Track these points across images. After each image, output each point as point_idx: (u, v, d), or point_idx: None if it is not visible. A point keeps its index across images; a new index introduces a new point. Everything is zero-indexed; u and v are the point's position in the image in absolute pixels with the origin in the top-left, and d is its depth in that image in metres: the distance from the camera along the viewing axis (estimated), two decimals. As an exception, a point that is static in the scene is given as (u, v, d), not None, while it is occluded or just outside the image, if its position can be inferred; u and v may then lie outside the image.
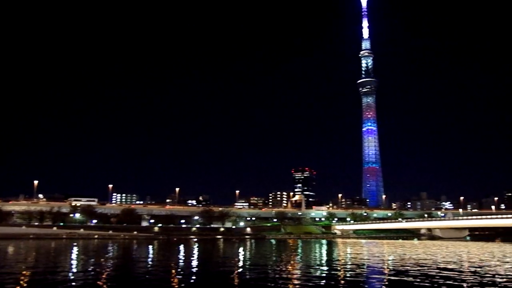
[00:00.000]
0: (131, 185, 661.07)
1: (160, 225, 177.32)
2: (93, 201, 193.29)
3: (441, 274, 43.56)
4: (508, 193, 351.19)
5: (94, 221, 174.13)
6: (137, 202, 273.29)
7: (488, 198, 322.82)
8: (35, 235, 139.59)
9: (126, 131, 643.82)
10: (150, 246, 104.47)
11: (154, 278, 43.29)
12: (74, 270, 49.90)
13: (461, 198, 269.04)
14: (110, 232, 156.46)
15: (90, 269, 50.99)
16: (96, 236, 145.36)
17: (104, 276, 43.76)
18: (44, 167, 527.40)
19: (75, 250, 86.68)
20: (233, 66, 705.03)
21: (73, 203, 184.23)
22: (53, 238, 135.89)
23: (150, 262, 63.36)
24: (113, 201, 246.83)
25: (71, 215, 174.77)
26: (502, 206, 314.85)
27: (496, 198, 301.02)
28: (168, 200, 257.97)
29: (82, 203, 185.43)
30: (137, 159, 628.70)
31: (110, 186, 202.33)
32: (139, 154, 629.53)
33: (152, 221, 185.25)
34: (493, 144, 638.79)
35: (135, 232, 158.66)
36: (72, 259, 64.53)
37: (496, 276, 42.07)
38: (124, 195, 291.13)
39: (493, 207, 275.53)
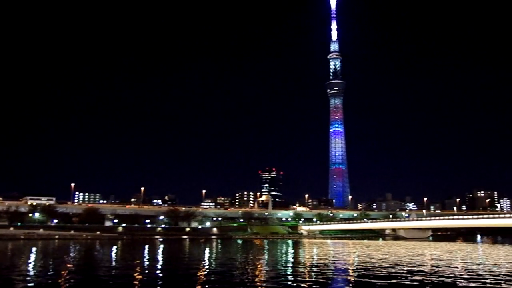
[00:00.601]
0: (94, 184, 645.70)
1: (124, 225, 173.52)
2: (51, 200, 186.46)
3: (405, 273, 44.24)
4: (469, 195, 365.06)
5: (55, 221, 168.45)
6: (101, 201, 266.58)
7: (450, 199, 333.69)
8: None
9: (88, 128, 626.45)
10: (114, 247, 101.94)
11: (117, 280, 41.85)
12: (32, 273, 47.61)
13: (425, 199, 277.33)
14: (72, 232, 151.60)
15: (49, 271, 48.90)
16: (56, 237, 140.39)
17: (64, 278, 41.98)
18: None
19: (33, 251, 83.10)
20: (200, 66, 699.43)
21: (29, 202, 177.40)
22: (10, 239, 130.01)
23: (113, 263, 61.58)
24: (76, 200, 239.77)
25: (30, 214, 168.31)
26: (464, 207, 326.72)
27: (458, 200, 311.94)
28: (133, 200, 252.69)
29: (39, 202, 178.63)
30: (101, 157, 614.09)
31: (73, 184, 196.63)
32: (102, 152, 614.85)
33: (116, 221, 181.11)
34: (455, 147, 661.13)
35: (98, 232, 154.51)
36: (29, 261, 61.74)
37: (457, 274, 43.16)
38: (87, 194, 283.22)
39: (455, 208, 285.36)
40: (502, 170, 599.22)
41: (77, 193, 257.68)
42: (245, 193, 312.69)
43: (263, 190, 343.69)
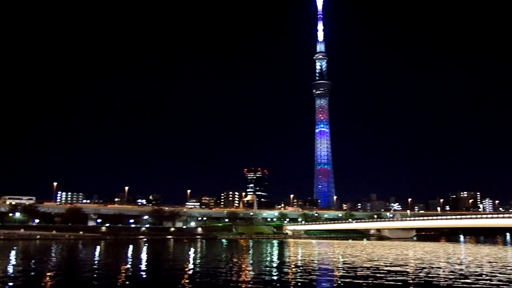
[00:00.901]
0: (77, 184, 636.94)
1: (107, 225, 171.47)
2: (31, 199, 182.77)
3: (389, 273, 44.44)
4: (452, 195, 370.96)
5: (37, 221, 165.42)
6: (84, 201, 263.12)
7: (434, 200, 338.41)
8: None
9: (71, 126, 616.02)
10: (97, 247, 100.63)
11: (100, 281, 41.17)
12: (11, 274, 46.55)
13: (409, 199, 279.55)
14: (54, 232, 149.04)
15: (29, 273, 47.84)
16: (38, 237, 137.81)
17: (44, 280, 41.08)
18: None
19: (13, 252, 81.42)
20: (186, 67, 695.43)
21: (8, 202, 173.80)
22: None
23: (96, 264, 60.64)
24: (58, 200, 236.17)
25: (10, 214, 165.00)
26: (447, 208, 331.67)
27: (441, 200, 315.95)
28: (116, 199, 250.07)
29: (19, 202, 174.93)
30: (84, 156, 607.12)
31: (55, 183, 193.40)
32: (86, 151, 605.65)
33: (99, 220, 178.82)
34: (439, 148, 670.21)
35: (81, 232, 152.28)
36: (9, 262, 60.44)
37: (440, 274, 43.55)
38: (69, 193, 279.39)
39: (438, 208, 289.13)
40: (485, 171, 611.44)
41: (59, 192, 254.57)
42: (230, 193, 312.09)
43: (248, 190, 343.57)
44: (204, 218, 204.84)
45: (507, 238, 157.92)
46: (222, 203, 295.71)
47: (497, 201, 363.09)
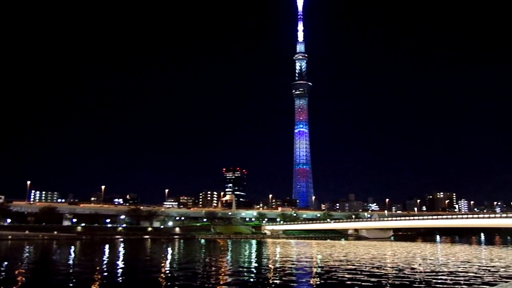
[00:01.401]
0: (52, 182, 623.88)
1: (83, 224, 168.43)
2: (0, 198, 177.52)
3: (367, 272, 44.70)
4: (429, 196, 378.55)
5: (8, 220, 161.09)
6: (59, 200, 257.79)
7: (411, 200, 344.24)
8: None
9: (45, 124, 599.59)
10: (72, 247, 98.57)
11: (75, 283, 40.09)
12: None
13: (387, 200, 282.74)
14: (27, 232, 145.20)
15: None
16: (9, 237, 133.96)
17: (15, 281, 39.72)
18: None
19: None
20: (163, 64, 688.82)
21: None
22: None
23: (71, 264, 59.26)
24: (32, 199, 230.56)
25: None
26: (424, 208, 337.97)
27: (418, 200, 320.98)
28: (93, 199, 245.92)
29: None
30: (59, 154, 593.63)
31: (28, 182, 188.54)
32: (61, 149, 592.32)
33: (74, 220, 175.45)
34: (416, 149, 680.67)
35: (55, 232, 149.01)
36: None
37: (416, 272, 44.07)
38: (43, 192, 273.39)
39: (415, 208, 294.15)
40: (461, 172, 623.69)
41: (33, 191, 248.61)
42: (209, 192, 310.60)
43: (227, 189, 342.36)
44: (182, 218, 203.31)
45: (482, 238, 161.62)
46: (200, 202, 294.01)
47: (472, 202, 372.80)
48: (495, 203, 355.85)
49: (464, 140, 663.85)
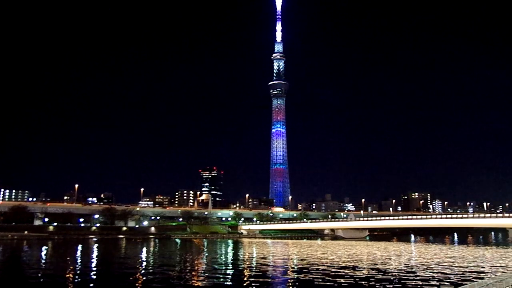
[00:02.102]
0: (23, 181, 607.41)
1: (55, 224, 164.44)
2: None
3: (343, 271, 44.88)
4: (404, 196, 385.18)
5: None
6: (30, 199, 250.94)
7: (387, 200, 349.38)
8: None
9: (16, 120, 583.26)
10: (44, 247, 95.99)
11: (45, 285, 38.85)
12: None
13: (363, 200, 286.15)
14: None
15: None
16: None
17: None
18: None
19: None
20: (140, 63, 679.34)
21: None
22: None
23: (41, 265, 57.55)
24: (1, 198, 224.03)
25: None
26: (399, 208, 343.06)
27: (394, 201, 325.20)
28: (65, 198, 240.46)
29: None
30: (31, 152, 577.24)
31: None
32: (32, 145, 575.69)
33: (46, 220, 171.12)
34: (392, 150, 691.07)
35: (26, 232, 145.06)
36: None
37: (391, 271, 44.52)
38: (14, 191, 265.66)
39: (391, 209, 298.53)
40: (435, 173, 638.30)
41: (2, 190, 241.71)
42: (185, 192, 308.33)
43: (203, 189, 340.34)
44: (158, 217, 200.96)
45: (455, 237, 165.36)
46: (176, 202, 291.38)
47: (446, 202, 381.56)
48: (468, 203, 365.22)
49: (439, 142, 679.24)
